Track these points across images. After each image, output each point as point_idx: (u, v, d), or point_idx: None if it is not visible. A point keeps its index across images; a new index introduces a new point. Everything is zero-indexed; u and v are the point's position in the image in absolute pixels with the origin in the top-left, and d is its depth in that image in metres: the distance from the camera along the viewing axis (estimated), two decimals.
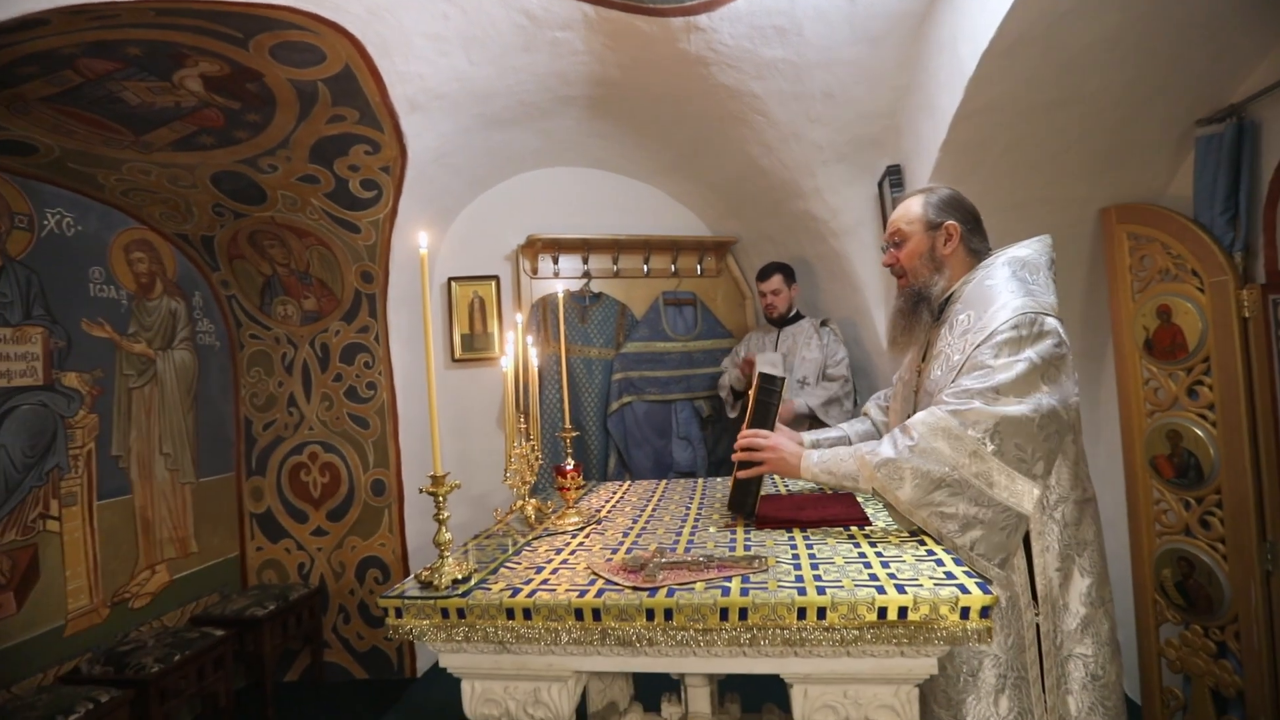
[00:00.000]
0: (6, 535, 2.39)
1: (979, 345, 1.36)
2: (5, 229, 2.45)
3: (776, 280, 3.33)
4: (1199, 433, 2.19)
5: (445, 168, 3.21)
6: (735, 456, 1.56)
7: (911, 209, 1.59)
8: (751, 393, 1.61)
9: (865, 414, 1.95)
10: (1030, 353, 1.32)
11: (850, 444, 1.82)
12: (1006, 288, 1.42)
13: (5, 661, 2.34)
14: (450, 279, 3.76)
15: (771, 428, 1.57)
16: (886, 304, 3.16)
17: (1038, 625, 1.38)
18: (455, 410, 3.79)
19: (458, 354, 3.78)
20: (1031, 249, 1.50)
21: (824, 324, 3.35)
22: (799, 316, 3.40)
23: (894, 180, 2.81)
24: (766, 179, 3.31)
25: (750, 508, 1.59)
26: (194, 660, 2.64)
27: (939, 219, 1.55)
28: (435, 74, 2.54)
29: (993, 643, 1.35)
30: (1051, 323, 1.35)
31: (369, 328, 3.42)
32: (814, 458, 1.48)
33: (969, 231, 1.55)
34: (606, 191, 3.95)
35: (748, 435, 1.55)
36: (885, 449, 1.37)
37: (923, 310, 1.56)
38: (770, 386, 1.57)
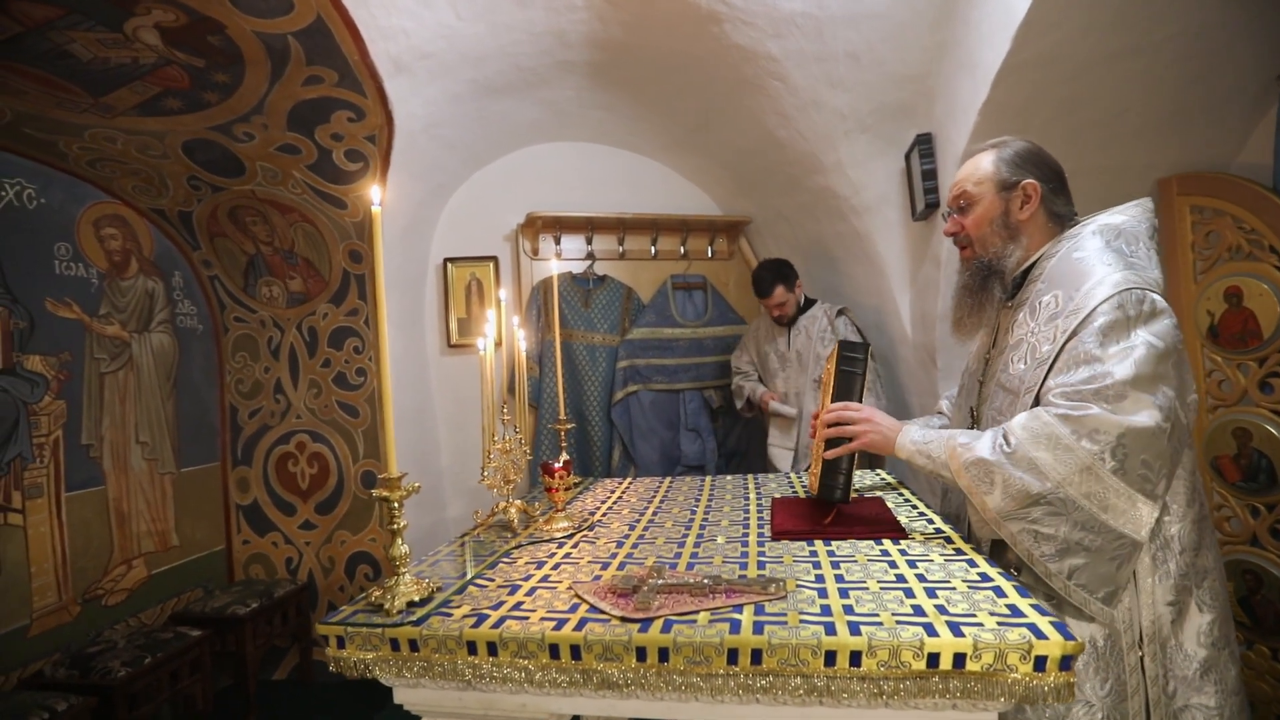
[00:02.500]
0: None
1: (1075, 331, 1.13)
2: None
3: (779, 293, 3.00)
4: (1273, 431, 1.94)
5: (437, 139, 2.99)
6: (824, 434, 1.37)
7: (981, 166, 1.34)
8: (830, 364, 1.43)
9: (939, 411, 1.72)
10: (1144, 334, 1.08)
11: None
12: (1101, 260, 1.17)
13: None
14: (446, 260, 3.55)
15: (859, 400, 1.39)
16: (912, 288, 2.92)
17: (1143, 668, 1.15)
18: (452, 398, 3.60)
19: (454, 339, 3.58)
20: (1128, 215, 1.25)
21: (840, 313, 3.02)
22: (810, 303, 3.13)
23: (924, 151, 2.56)
24: (783, 153, 3.06)
25: (844, 492, 1.38)
26: (166, 663, 2.47)
27: (1014, 177, 1.30)
28: (420, 29, 2.31)
29: (1085, 686, 1.13)
30: (1162, 301, 1.11)
31: (358, 310, 3.22)
32: (912, 434, 1.31)
33: (1051, 192, 1.30)
34: (611, 168, 3.71)
35: (836, 408, 1.36)
36: (982, 447, 1.17)
37: (994, 286, 1.33)
38: (852, 354, 1.40)
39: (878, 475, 1.97)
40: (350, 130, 2.62)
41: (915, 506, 1.54)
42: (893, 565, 1.13)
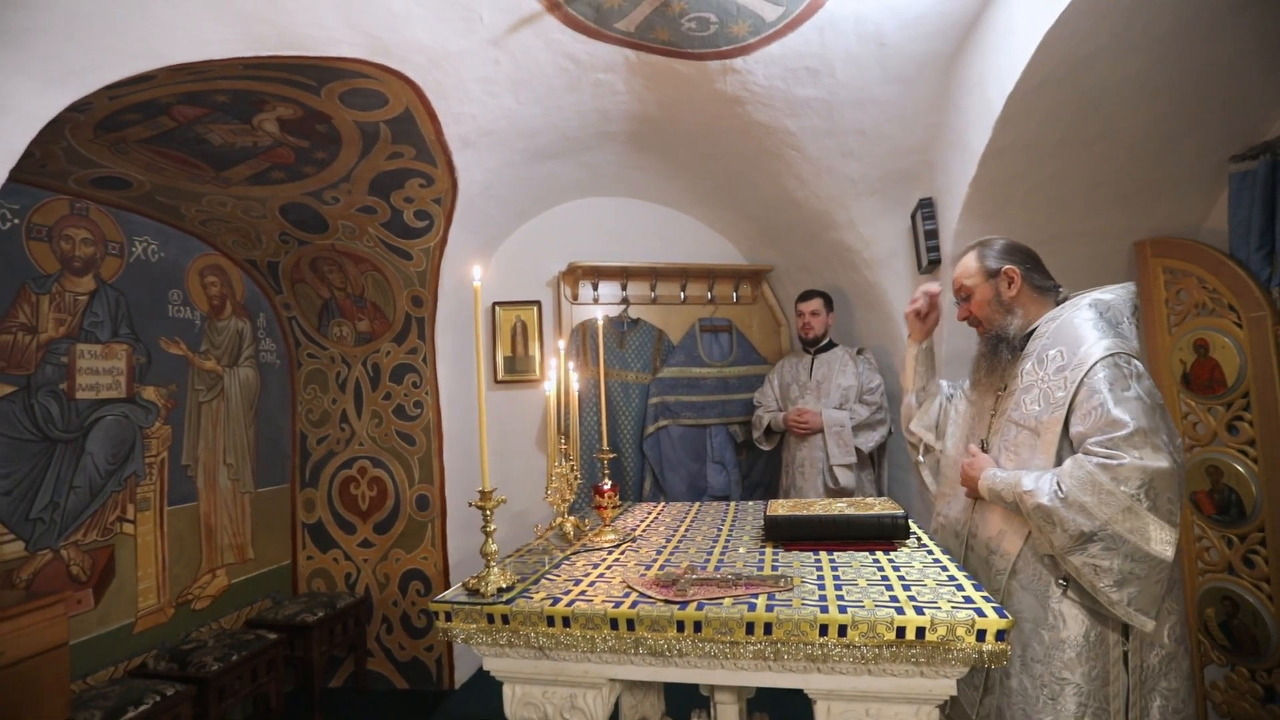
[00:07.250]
0: (89, 536, 2.60)
1: (1081, 382, 1.41)
2: (100, 255, 2.70)
3: (817, 303, 3.43)
4: (1240, 469, 2.16)
5: (492, 199, 3.39)
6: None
7: (968, 265, 1.71)
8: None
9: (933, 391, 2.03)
10: (1138, 389, 1.37)
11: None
12: (1095, 327, 1.48)
13: (82, 654, 2.53)
14: (494, 304, 3.93)
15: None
16: None
17: (1125, 659, 1.41)
18: (497, 430, 3.93)
19: (500, 376, 3.93)
20: (1115, 295, 1.57)
21: (860, 352, 3.42)
22: (832, 345, 3.46)
23: (926, 213, 2.87)
24: (801, 210, 3.40)
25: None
26: (249, 661, 2.79)
27: (996, 266, 1.66)
28: (486, 114, 2.71)
29: (1076, 672, 1.39)
30: (1142, 365, 1.42)
31: (417, 349, 3.59)
32: (987, 481, 1.55)
33: (1029, 271, 1.64)
34: (645, 221, 4.09)
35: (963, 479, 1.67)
36: (1041, 493, 1.39)
37: (1003, 351, 1.65)
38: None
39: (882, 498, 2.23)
40: (420, 194, 3.03)
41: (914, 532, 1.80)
42: (880, 569, 1.41)
